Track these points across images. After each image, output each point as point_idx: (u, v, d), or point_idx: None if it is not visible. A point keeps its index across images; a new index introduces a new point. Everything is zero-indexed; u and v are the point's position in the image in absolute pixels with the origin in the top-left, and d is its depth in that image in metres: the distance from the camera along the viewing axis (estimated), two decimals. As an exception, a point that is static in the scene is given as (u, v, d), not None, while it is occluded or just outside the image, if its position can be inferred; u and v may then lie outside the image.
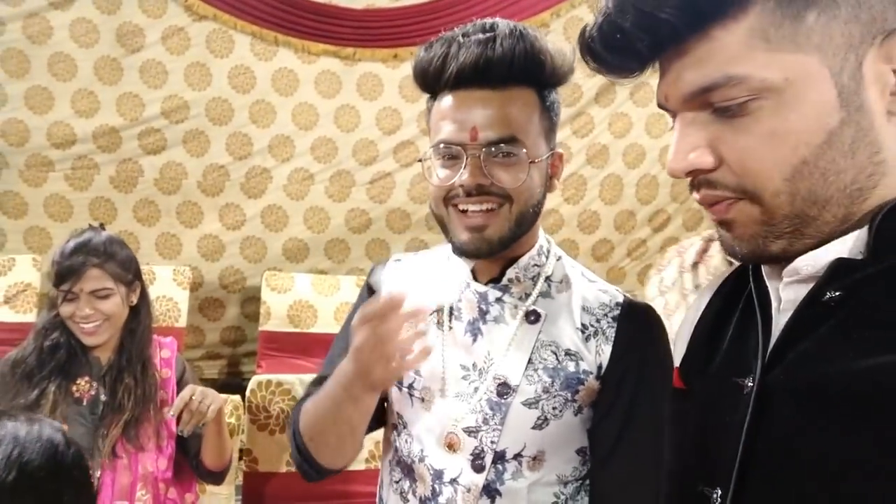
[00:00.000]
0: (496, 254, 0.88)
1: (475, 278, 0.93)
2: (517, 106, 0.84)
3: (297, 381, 2.05)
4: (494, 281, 0.92)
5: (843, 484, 0.47)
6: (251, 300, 3.38)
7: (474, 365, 0.90)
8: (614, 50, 0.55)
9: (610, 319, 0.90)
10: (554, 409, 0.87)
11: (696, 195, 0.57)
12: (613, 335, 0.89)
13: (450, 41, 0.85)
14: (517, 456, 0.88)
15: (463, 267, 0.94)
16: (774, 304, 0.56)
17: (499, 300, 0.91)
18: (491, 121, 0.83)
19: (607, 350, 0.88)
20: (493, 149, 0.83)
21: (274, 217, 3.40)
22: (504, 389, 0.88)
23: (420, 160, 0.92)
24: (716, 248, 1.24)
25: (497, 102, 0.83)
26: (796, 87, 0.50)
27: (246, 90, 3.28)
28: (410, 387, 0.95)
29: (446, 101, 0.86)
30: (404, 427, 0.96)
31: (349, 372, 0.81)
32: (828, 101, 0.50)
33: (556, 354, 0.89)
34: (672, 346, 0.75)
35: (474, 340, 0.91)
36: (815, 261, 0.52)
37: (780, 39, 0.50)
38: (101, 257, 1.48)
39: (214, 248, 3.37)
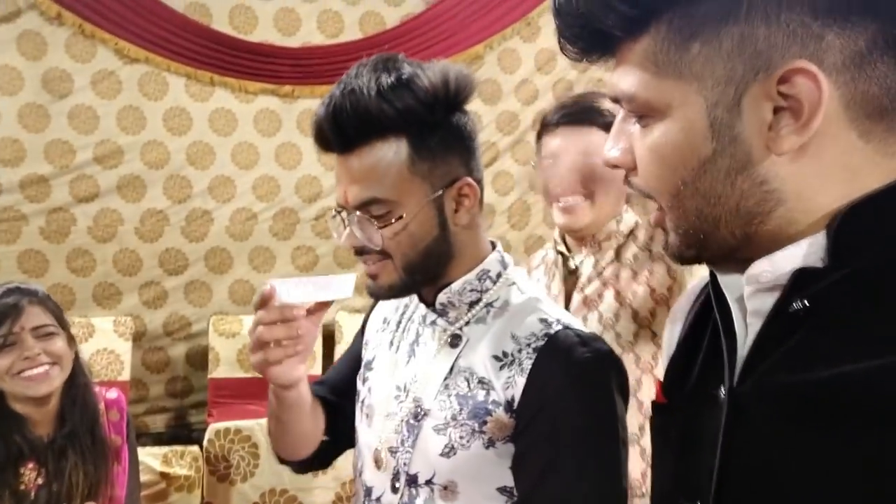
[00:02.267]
0: (399, 296, 0.92)
1: (421, 300, 0.95)
2: (373, 163, 0.83)
3: (257, 426, 1.99)
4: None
5: (818, 495, 0.47)
6: (197, 348, 3.26)
7: (404, 386, 0.91)
8: (567, 48, 0.59)
9: (531, 350, 0.82)
10: (461, 437, 0.84)
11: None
12: (529, 367, 0.81)
13: (323, 105, 0.85)
14: (429, 482, 0.86)
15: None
16: (736, 314, 0.57)
17: (432, 323, 0.91)
18: (353, 183, 0.84)
19: (520, 382, 0.81)
20: (359, 212, 0.84)
21: (218, 259, 3.31)
22: (419, 412, 0.88)
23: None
24: (538, 257, 1.48)
25: (355, 165, 0.84)
26: (674, 114, 0.52)
27: (182, 132, 3.21)
28: (363, 402, 0.98)
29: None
30: (356, 443, 0.99)
31: None
32: (699, 130, 0.51)
33: (468, 381, 0.86)
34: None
35: (408, 361, 0.93)
36: (773, 267, 0.52)
37: (666, 65, 0.52)
38: (36, 296, 1.35)
39: (156, 295, 3.24)
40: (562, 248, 1.38)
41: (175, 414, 3.31)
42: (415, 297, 0.97)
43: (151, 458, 1.67)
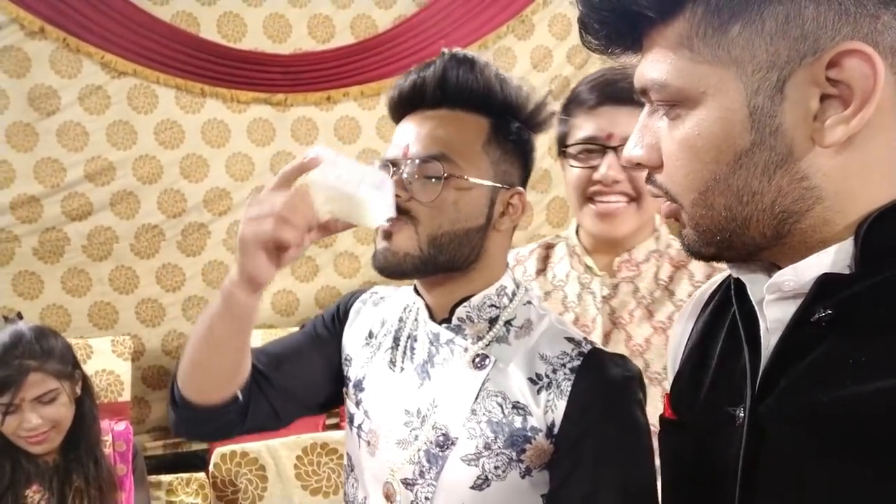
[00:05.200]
0: (407, 276, 0.83)
1: (431, 317, 0.88)
2: (452, 127, 0.82)
3: (264, 448, 1.92)
4: (448, 321, 0.86)
5: None
6: (198, 364, 3.20)
7: (418, 411, 0.84)
8: (589, 39, 0.56)
9: (567, 371, 0.79)
10: (496, 468, 0.79)
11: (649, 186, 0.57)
12: (569, 389, 0.78)
13: (406, 74, 0.86)
14: None
15: (418, 302, 0.90)
16: (763, 325, 0.52)
17: (449, 342, 0.85)
18: (420, 138, 0.82)
19: (561, 406, 0.78)
20: (420, 165, 0.81)
21: (216, 274, 3.25)
22: (443, 440, 0.81)
23: None
24: (558, 253, 1.18)
25: (430, 122, 0.83)
26: (709, 103, 0.48)
27: (174, 145, 3.15)
28: (359, 427, 0.91)
29: (397, 128, 0.87)
30: (351, 470, 0.93)
31: (232, 272, 0.77)
32: (737, 120, 0.47)
33: (502, 406, 0.80)
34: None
35: (421, 384, 0.86)
36: (797, 275, 0.48)
37: (702, 49, 0.48)
38: (38, 358, 1.34)
39: (154, 312, 3.18)
40: (589, 260, 1.11)
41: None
42: (412, 313, 0.90)
43: (155, 488, 1.62)
